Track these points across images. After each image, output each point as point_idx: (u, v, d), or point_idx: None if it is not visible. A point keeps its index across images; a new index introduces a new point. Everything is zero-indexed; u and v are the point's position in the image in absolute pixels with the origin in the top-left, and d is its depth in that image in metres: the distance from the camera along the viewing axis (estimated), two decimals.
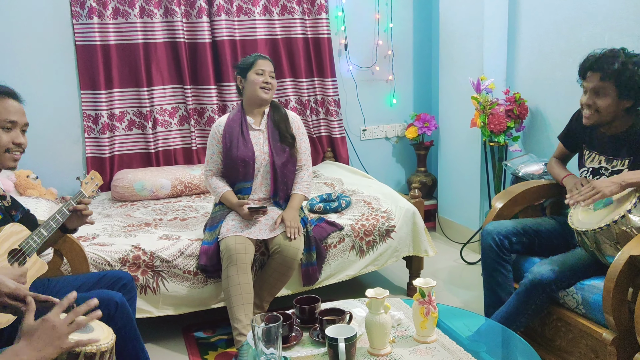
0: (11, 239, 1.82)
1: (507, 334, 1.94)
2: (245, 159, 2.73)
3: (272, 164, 2.74)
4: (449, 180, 4.07)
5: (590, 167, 2.38)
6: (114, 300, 1.93)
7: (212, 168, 2.83)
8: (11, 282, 1.45)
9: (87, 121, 3.59)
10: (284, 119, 2.80)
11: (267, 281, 2.66)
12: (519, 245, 2.45)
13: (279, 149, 2.76)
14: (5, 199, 1.96)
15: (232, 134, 2.76)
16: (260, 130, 2.80)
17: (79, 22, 3.47)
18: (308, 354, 1.75)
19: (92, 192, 2.16)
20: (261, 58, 2.79)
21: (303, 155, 2.86)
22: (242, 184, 2.76)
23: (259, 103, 2.79)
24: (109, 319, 1.86)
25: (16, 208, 2.00)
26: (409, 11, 4.26)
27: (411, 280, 3.19)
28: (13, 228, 1.84)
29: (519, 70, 3.56)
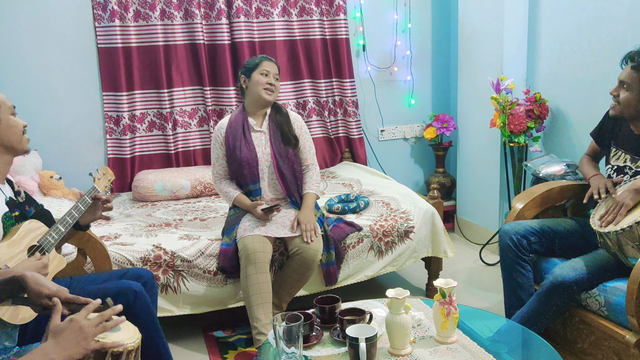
0: (30, 235, 1.86)
1: (529, 335, 1.93)
2: (249, 160, 2.74)
3: (276, 165, 2.75)
4: (468, 181, 4.05)
5: (615, 165, 2.36)
6: (132, 289, 1.95)
7: (220, 171, 2.84)
8: (52, 284, 1.46)
9: (109, 122, 3.64)
10: (286, 120, 2.81)
11: (287, 281, 2.67)
12: (538, 245, 2.43)
13: (281, 149, 2.77)
14: (20, 194, 2.00)
15: (234, 136, 2.76)
16: (262, 132, 2.81)
17: (101, 25, 3.53)
18: (329, 353, 1.75)
19: (105, 187, 2.19)
20: (267, 60, 2.79)
21: (308, 155, 2.86)
22: (251, 186, 2.77)
23: (261, 104, 2.80)
24: (127, 309, 1.88)
25: (30, 203, 2.04)
26: (428, 11, 4.24)
27: (430, 281, 3.18)
28: (31, 225, 1.89)
29: (539, 70, 3.53)
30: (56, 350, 1.27)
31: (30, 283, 1.44)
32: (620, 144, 2.36)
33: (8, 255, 1.76)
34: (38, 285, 1.44)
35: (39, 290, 1.44)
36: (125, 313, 1.47)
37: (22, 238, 1.82)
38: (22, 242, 1.82)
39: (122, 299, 1.87)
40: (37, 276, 1.46)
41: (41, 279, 1.46)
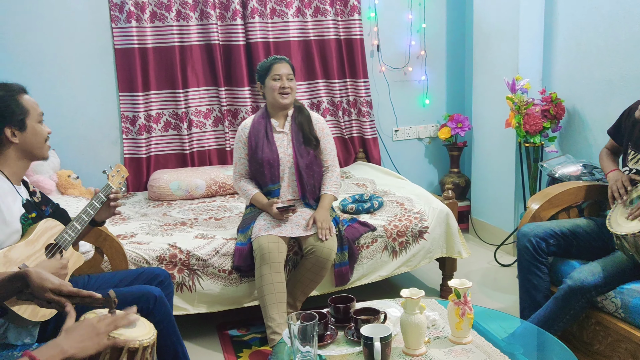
0: (47, 234, 1.89)
1: (545, 336, 1.92)
2: (270, 161, 2.75)
3: (297, 166, 2.76)
4: (483, 181, 4.03)
5: (634, 169, 2.33)
6: (152, 295, 1.98)
7: (241, 170, 2.86)
8: (55, 278, 1.49)
9: (125, 122, 3.67)
10: (307, 121, 2.81)
11: (301, 281, 2.68)
12: (555, 247, 2.41)
13: (303, 151, 2.77)
14: (36, 194, 2.03)
15: (257, 137, 2.78)
16: (284, 133, 2.82)
17: (118, 26, 3.57)
18: (343, 352, 1.76)
19: (119, 184, 2.22)
20: (277, 62, 2.77)
21: (329, 156, 2.87)
22: (270, 186, 2.78)
23: (280, 107, 2.81)
24: (147, 314, 1.91)
25: (46, 203, 2.07)
26: (443, 11, 4.23)
27: (444, 282, 3.17)
28: (47, 223, 1.91)
29: (555, 69, 3.51)
30: (69, 343, 1.29)
31: (33, 278, 1.47)
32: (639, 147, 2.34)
33: (25, 254, 1.78)
34: (41, 280, 1.47)
35: (42, 285, 1.46)
36: (145, 317, 1.49)
37: (38, 237, 1.85)
38: (39, 241, 1.84)
39: (142, 304, 1.90)
40: (40, 271, 1.48)
41: (44, 273, 1.48)
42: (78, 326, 1.33)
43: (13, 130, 1.88)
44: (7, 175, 1.89)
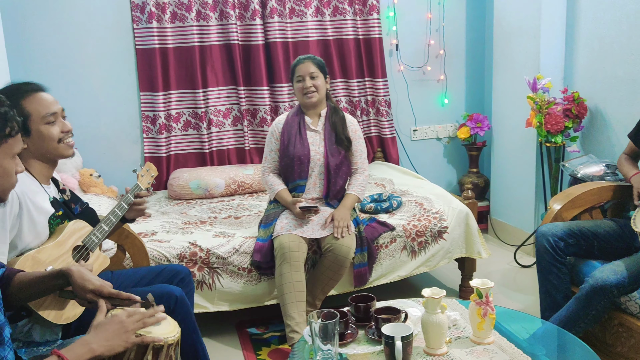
0: (74, 235, 1.90)
1: (567, 337, 1.89)
2: (301, 157, 2.76)
3: (327, 165, 2.77)
4: (503, 181, 4.00)
5: None
6: (173, 295, 2.00)
7: (270, 165, 2.88)
8: (96, 279, 1.50)
9: (146, 122, 3.71)
10: (341, 122, 2.82)
11: (320, 279, 2.68)
12: (575, 248, 2.39)
13: (334, 150, 2.78)
14: (65, 192, 2.05)
15: (290, 132, 2.80)
16: (317, 131, 2.83)
17: (139, 27, 3.60)
18: (364, 351, 1.76)
19: (148, 184, 2.21)
20: (299, 63, 2.80)
21: (359, 159, 2.87)
22: (297, 182, 2.80)
23: (311, 107, 2.82)
24: (169, 313, 1.92)
25: (75, 201, 2.08)
26: (462, 10, 4.21)
27: (463, 282, 3.16)
28: (75, 225, 1.92)
29: (577, 68, 3.46)
30: (97, 341, 1.31)
31: (75, 277, 1.48)
32: None
33: (53, 256, 1.80)
34: (83, 280, 1.48)
35: (83, 285, 1.48)
36: None
37: (67, 238, 1.85)
38: (67, 243, 1.85)
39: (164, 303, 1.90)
40: (82, 271, 1.50)
41: (86, 273, 1.50)
42: (107, 323, 1.35)
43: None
44: (34, 175, 1.91)
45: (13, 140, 1.33)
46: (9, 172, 1.33)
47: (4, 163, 1.32)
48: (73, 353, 1.27)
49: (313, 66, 2.78)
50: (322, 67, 2.82)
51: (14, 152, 1.34)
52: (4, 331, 1.39)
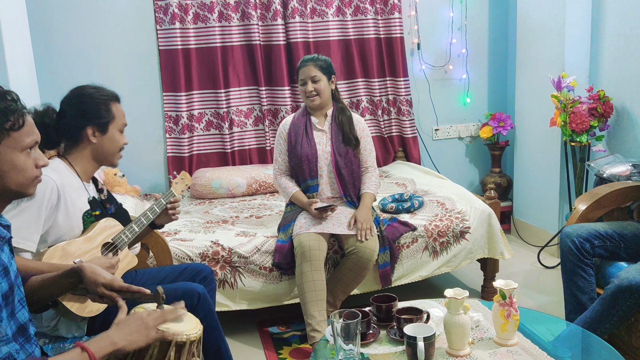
0: (105, 232, 1.95)
1: (592, 339, 1.87)
2: (308, 156, 2.77)
3: (335, 164, 2.77)
4: (526, 181, 3.95)
5: None
6: (196, 292, 2.02)
7: (281, 167, 2.89)
8: (107, 273, 1.53)
9: (169, 122, 3.75)
10: (348, 121, 2.81)
11: (342, 280, 2.68)
12: (601, 249, 2.35)
13: (342, 149, 2.78)
14: (103, 192, 2.10)
15: (297, 133, 2.81)
16: (323, 131, 2.83)
17: (162, 28, 3.64)
18: (386, 351, 1.76)
19: (181, 191, 2.28)
20: (302, 66, 2.79)
21: (369, 157, 2.86)
22: (308, 182, 2.80)
23: (314, 108, 2.83)
24: (191, 310, 1.94)
25: (111, 201, 2.13)
26: (485, 8, 4.17)
27: (486, 283, 3.13)
28: (107, 223, 1.97)
29: (603, 66, 3.40)
30: (119, 335, 1.33)
31: (87, 273, 1.51)
32: None
33: (83, 250, 1.85)
34: (94, 275, 1.51)
35: (95, 280, 1.51)
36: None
37: (97, 235, 1.91)
38: (97, 239, 1.90)
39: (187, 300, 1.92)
40: (93, 267, 1.53)
41: (97, 269, 1.53)
42: (128, 319, 1.37)
43: (95, 130, 1.95)
44: (78, 172, 1.97)
45: (17, 134, 1.31)
46: (19, 167, 1.33)
47: (12, 157, 1.32)
48: (95, 345, 1.30)
49: (314, 69, 2.75)
50: (326, 69, 2.77)
51: (24, 146, 1.33)
52: (29, 329, 1.42)
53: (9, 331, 1.34)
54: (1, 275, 1.32)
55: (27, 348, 1.39)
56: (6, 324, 1.31)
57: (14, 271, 1.40)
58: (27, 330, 1.41)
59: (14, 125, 1.31)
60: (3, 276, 1.33)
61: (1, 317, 1.28)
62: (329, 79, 2.80)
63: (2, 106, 1.30)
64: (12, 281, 1.37)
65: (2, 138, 1.30)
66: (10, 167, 1.32)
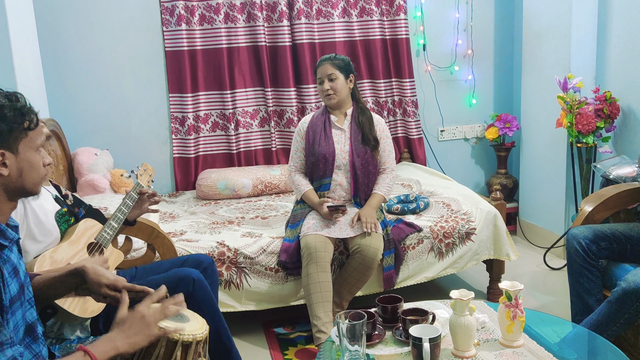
0: (87, 233, 1.96)
1: (599, 341, 1.86)
2: (326, 155, 2.77)
3: (352, 164, 2.77)
4: (532, 182, 3.94)
5: None
6: (190, 278, 1.99)
7: (296, 164, 2.89)
8: (110, 274, 1.53)
9: (175, 123, 3.77)
10: (368, 122, 2.81)
11: (347, 280, 2.68)
12: (608, 251, 2.34)
13: (360, 149, 2.78)
14: (68, 197, 2.10)
15: (315, 131, 2.81)
16: (342, 130, 2.84)
17: (169, 29, 3.66)
18: (391, 352, 1.76)
19: (147, 182, 2.29)
20: (320, 65, 2.80)
21: (387, 159, 2.85)
22: (323, 180, 2.80)
23: (333, 107, 2.83)
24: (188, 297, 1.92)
25: (79, 205, 2.14)
26: (490, 9, 4.16)
27: (491, 285, 3.12)
28: (87, 223, 1.99)
29: (609, 67, 3.39)
30: (121, 339, 1.33)
31: (90, 274, 1.51)
32: None
33: (70, 254, 1.85)
34: (97, 276, 1.51)
35: (98, 280, 1.51)
36: (186, 300, 1.50)
37: (80, 237, 1.92)
38: (80, 241, 1.91)
39: (182, 288, 1.90)
40: (96, 267, 1.53)
41: (100, 269, 1.53)
42: (129, 319, 1.37)
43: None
44: None
45: (33, 133, 1.35)
46: (35, 165, 1.37)
47: (29, 156, 1.35)
48: (98, 349, 1.30)
49: (331, 68, 2.76)
50: (343, 67, 2.77)
51: (37, 145, 1.37)
52: (37, 328, 1.43)
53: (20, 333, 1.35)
54: (11, 276, 1.33)
55: (34, 348, 1.40)
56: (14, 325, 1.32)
57: (23, 271, 1.41)
58: (34, 330, 1.42)
59: (31, 125, 1.34)
60: (13, 276, 1.34)
61: (7, 319, 1.29)
62: (347, 78, 2.79)
63: (18, 106, 1.32)
64: (22, 281, 1.38)
65: (22, 138, 1.33)
66: (28, 166, 1.35)
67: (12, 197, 1.36)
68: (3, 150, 1.30)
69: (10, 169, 1.32)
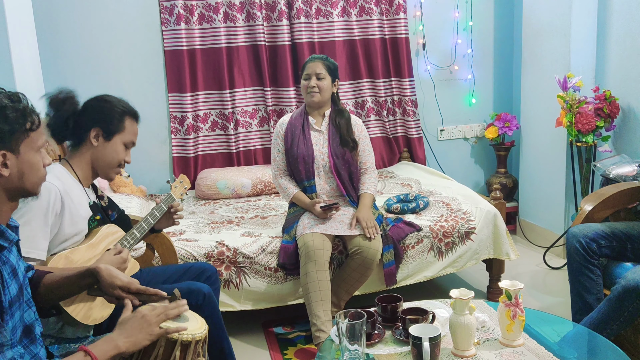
0: (107, 239, 1.94)
1: (599, 340, 1.86)
2: (304, 157, 2.77)
3: (333, 165, 2.77)
4: (532, 181, 3.94)
5: None
6: (202, 292, 2.03)
7: (280, 166, 2.88)
8: (124, 276, 1.53)
9: (174, 122, 3.76)
10: (346, 124, 2.81)
11: (346, 280, 2.68)
12: (608, 250, 2.34)
13: (339, 151, 2.77)
14: (103, 199, 2.09)
15: (293, 133, 2.81)
16: (320, 131, 2.83)
17: (168, 29, 3.65)
18: (391, 352, 1.75)
19: (180, 195, 2.27)
20: (310, 61, 2.80)
21: (367, 159, 2.86)
22: (304, 182, 2.80)
23: (312, 106, 2.83)
24: (196, 309, 1.94)
25: (112, 208, 2.13)
26: (490, 8, 4.16)
27: (491, 284, 3.12)
28: (109, 229, 1.97)
29: (609, 67, 3.39)
30: (121, 338, 1.33)
31: (103, 275, 1.50)
32: None
33: (86, 257, 1.84)
34: (111, 277, 1.50)
35: (112, 282, 1.50)
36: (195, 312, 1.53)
37: (100, 241, 1.90)
38: (99, 245, 1.90)
39: (192, 299, 1.95)
40: (110, 268, 1.52)
41: (114, 271, 1.52)
42: (131, 319, 1.37)
43: (99, 133, 1.95)
44: (79, 177, 1.96)
45: (35, 134, 1.35)
46: (36, 166, 1.36)
47: (30, 157, 1.34)
48: (99, 349, 1.30)
49: (321, 67, 2.76)
50: (332, 71, 2.79)
51: (38, 146, 1.36)
52: (35, 329, 1.42)
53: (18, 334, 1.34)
54: (10, 277, 1.32)
55: (32, 349, 1.40)
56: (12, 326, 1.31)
57: (22, 272, 1.40)
58: (32, 331, 1.41)
59: (32, 126, 1.34)
60: (12, 277, 1.33)
61: (7, 320, 1.28)
62: (333, 81, 2.81)
63: (20, 107, 1.32)
64: (21, 282, 1.38)
65: (23, 139, 1.33)
66: (28, 167, 1.35)
67: (12, 197, 1.36)
68: (4, 151, 1.30)
69: (11, 169, 1.32)
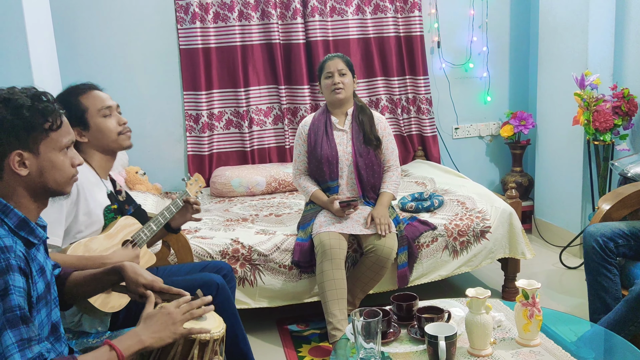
0: (125, 230, 1.97)
1: (616, 340, 1.84)
2: (329, 158, 2.76)
3: (356, 165, 2.76)
4: (548, 180, 3.90)
5: None
6: (215, 283, 2.03)
7: (300, 167, 2.88)
8: (148, 274, 1.55)
9: (189, 121, 3.78)
10: (369, 121, 2.80)
11: (360, 279, 2.68)
12: (626, 249, 2.31)
13: (363, 150, 2.76)
14: (121, 193, 2.12)
15: (316, 134, 2.80)
16: (344, 131, 2.82)
17: (183, 27, 3.67)
18: (407, 350, 1.75)
19: (195, 193, 2.28)
20: (329, 59, 2.79)
21: (391, 156, 2.85)
22: (329, 183, 2.80)
23: (337, 105, 2.82)
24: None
25: (129, 203, 2.15)
26: (506, 6, 4.12)
27: (507, 283, 3.10)
28: (127, 221, 1.99)
29: (627, 64, 3.35)
30: (146, 333, 1.35)
31: (128, 272, 1.53)
32: None
33: (104, 247, 1.87)
34: (136, 275, 1.52)
35: (136, 279, 1.52)
36: None
37: (117, 232, 1.93)
38: (117, 236, 1.93)
39: (205, 291, 1.94)
40: (135, 266, 1.54)
41: (139, 269, 1.54)
42: (156, 315, 1.38)
43: (79, 130, 1.94)
44: (94, 167, 1.99)
45: (56, 134, 1.36)
46: (58, 166, 1.37)
47: (52, 157, 1.36)
48: (123, 343, 1.32)
49: (342, 63, 2.76)
50: (351, 66, 2.80)
51: (62, 146, 1.37)
52: (60, 327, 1.44)
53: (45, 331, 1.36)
54: (38, 275, 1.34)
55: (57, 347, 1.41)
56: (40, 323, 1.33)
57: (49, 270, 1.42)
58: (58, 329, 1.43)
59: (52, 126, 1.35)
60: (40, 275, 1.35)
61: (34, 316, 1.30)
62: (352, 77, 2.81)
63: (40, 107, 1.33)
64: (48, 280, 1.40)
65: (42, 139, 1.34)
66: (49, 166, 1.36)
67: (37, 197, 1.37)
68: (20, 150, 1.31)
69: (30, 169, 1.33)
